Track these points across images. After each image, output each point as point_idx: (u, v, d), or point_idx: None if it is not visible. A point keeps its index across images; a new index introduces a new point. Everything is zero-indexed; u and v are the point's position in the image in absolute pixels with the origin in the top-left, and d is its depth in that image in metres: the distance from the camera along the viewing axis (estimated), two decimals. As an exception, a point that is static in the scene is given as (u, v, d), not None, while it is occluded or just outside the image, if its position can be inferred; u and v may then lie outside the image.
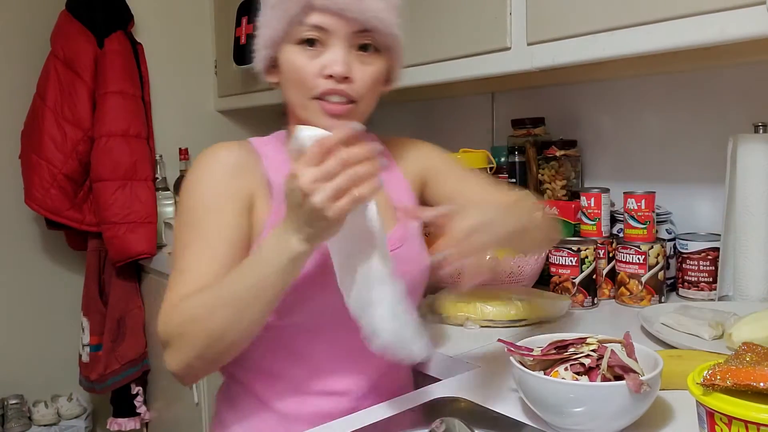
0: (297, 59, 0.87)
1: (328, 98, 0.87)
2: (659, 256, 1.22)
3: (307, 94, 0.88)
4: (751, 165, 1.15)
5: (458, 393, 0.84)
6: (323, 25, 0.86)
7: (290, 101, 0.92)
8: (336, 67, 0.85)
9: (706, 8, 0.99)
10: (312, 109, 0.88)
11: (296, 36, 0.87)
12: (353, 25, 0.86)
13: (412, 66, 1.53)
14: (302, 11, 0.85)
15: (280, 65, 0.90)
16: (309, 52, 0.87)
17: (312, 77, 0.87)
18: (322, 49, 0.87)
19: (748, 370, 0.56)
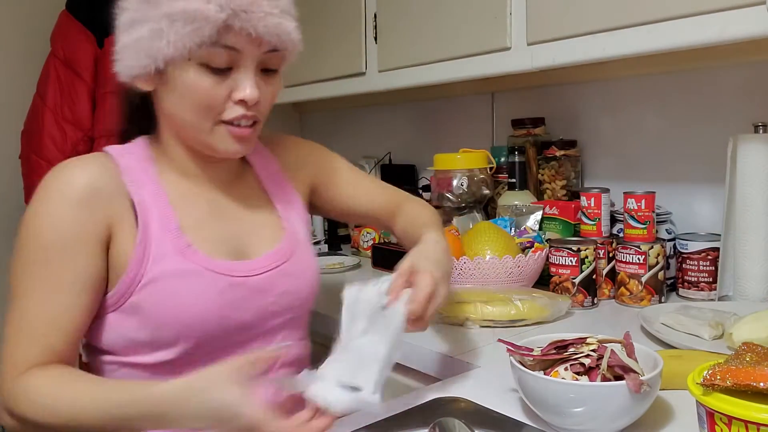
0: (201, 82, 0.79)
1: (236, 122, 0.82)
2: (659, 256, 1.22)
3: (213, 119, 0.81)
4: (751, 165, 1.15)
5: (458, 393, 0.84)
6: (237, 47, 0.78)
7: (183, 121, 0.83)
8: (248, 92, 0.80)
9: (706, 8, 0.99)
10: (218, 134, 0.82)
11: (203, 57, 0.78)
12: (264, 47, 0.80)
13: (412, 66, 1.54)
14: (217, 33, 0.76)
15: (172, 81, 0.80)
16: (217, 74, 0.79)
17: (220, 102, 0.80)
18: (229, 71, 0.80)
19: (748, 370, 0.56)
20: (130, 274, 0.80)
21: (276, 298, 0.88)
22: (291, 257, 0.91)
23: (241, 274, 0.85)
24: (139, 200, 0.82)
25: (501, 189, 1.62)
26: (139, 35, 0.79)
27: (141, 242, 0.80)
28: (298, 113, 2.60)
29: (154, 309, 0.80)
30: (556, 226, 1.41)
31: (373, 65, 1.65)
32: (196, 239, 0.84)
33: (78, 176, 0.80)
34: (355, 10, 1.68)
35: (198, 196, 0.88)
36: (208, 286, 0.82)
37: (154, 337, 0.81)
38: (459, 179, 1.55)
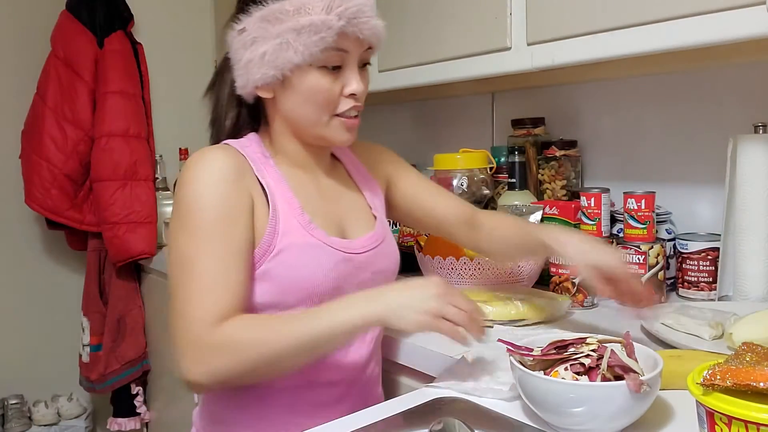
0: (322, 82, 0.91)
1: (347, 113, 0.94)
2: (659, 256, 1.22)
3: (330, 113, 0.93)
4: (751, 165, 1.15)
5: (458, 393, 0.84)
6: (347, 48, 0.91)
7: (301, 118, 0.95)
8: (356, 86, 0.93)
9: (706, 8, 0.99)
10: (334, 126, 0.94)
11: (322, 60, 0.90)
12: (365, 46, 0.93)
13: (412, 66, 1.54)
14: (337, 38, 0.89)
15: (295, 86, 0.92)
16: (331, 74, 0.92)
17: (336, 98, 0.93)
18: (340, 70, 0.92)
19: (748, 370, 0.56)
20: (264, 245, 0.90)
21: (372, 275, 0.99)
22: (383, 241, 1.03)
23: (350, 251, 0.97)
24: (267, 183, 0.94)
25: (501, 189, 1.62)
26: (264, 50, 0.90)
27: (272, 218, 0.91)
28: (298, 113, 2.60)
29: (282, 276, 0.90)
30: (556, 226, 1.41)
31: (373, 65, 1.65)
32: (315, 218, 0.95)
33: (225, 159, 0.91)
34: (355, 10, 1.68)
35: (309, 182, 1.00)
36: (327, 259, 0.93)
37: (278, 300, 0.90)
38: (459, 179, 1.55)
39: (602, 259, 0.96)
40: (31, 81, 2.08)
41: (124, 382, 2.12)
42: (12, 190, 2.13)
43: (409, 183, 1.15)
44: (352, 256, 0.97)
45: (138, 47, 2.14)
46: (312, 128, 0.95)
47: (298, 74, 0.91)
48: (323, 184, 1.02)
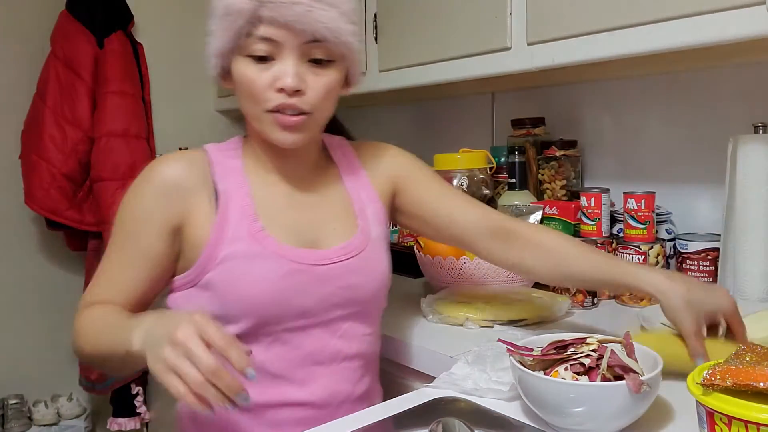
0: (247, 72, 0.87)
1: (282, 110, 0.87)
2: (659, 256, 1.22)
3: (260, 107, 0.87)
4: (751, 165, 1.15)
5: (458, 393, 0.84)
6: (272, 37, 0.84)
7: (245, 111, 0.92)
8: (287, 80, 0.85)
9: (706, 8, 0.99)
10: (266, 122, 0.88)
11: (245, 48, 0.86)
12: (303, 37, 0.85)
13: (412, 66, 1.54)
14: (249, 24, 0.84)
15: (232, 75, 0.90)
16: (259, 64, 0.86)
17: (263, 90, 0.86)
18: (273, 61, 0.86)
19: (748, 370, 0.56)
20: (207, 253, 0.88)
21: (337, 290, 0.92)
22: (359, 254, 0.94)
23: (306, 262, 0.90)
24: (224, 189, 0.91)
25: (501, 189, 1.62)
26: (209, 41, 0.90)
27: (218, 225, 0.89)
28: (298, 113, 2.60)
29: (224, 286, 0.87)
30: (556, 226, 1.41)
31: (373, 65, 1.65)
32: (270, 225, 0.91)
33: (168, 171, 0.91)
34: (355, 10, 1.68)
35: (277, 187, 0.95)
36: (272, 269, 0.88)
37: (222, 311, 0.87)
38: (459, 179, 1.55)
39: (717, 308, 0.86)
40: (30, 81, 2.07)
41: (124, 382, 2.11)
42: (12, 190, 2.12)
43: (419, 187, 1.04)
44: (308, 268, 0.90)
45: (138, 47, 2.14)
46: (253, 123, 0.91)
47: (233, 64, 0.88)
48: (294, 190, 0.96)
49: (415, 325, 1.16)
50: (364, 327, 0.96)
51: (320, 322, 0.91)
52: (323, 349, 0.92)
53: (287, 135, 0.88)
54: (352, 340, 0.94)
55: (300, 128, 0.88)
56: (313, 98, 0.87)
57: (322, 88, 0.88)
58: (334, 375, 0.92)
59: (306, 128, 0.89)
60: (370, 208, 1.00)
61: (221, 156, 0.95)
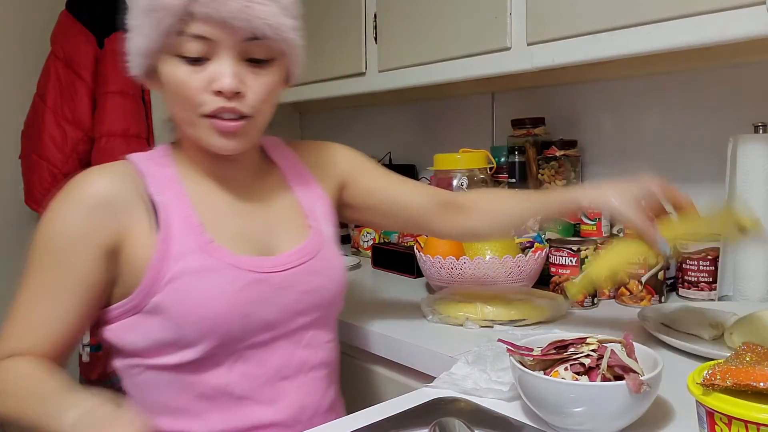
0: (179, 73, 0.78)
1: (219, 115, 0.80)
2: (659, 256, 1.22)
3: (195, 111, 0.80)
4: (751, 165, 1.15)
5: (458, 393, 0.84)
6: (207, 35, 0.77)
7: (175, 116, 0.85)
8: (224, 81, 0.77)
9: (706, 8, 0.99)
10: (202, 127, 0.81)
11: (176, 48, 0.78)
12: (241, 34, 0.77)
13: (412, 66, 1.54)
14: (180, 21, 0.76)
15: (161, 77, 0.81)
16: (192, 65, 0.78)
17: (198, 93, 0.78)
18: (208, 60, 0.78)
19: (748, 370, 0.56)
20: (151, 274, 0.80)
21: (300, 296, 0.87)
22: (316, 255, 0.90)
23: (264, 270, 0.85)
24: (161, 201, 0.83)
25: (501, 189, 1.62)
26: (131, 38, 0.82)
27: (162, 241, 0.81)
28: (298, 113, 2.60)
29: (177, 307, 0.80)
30: (556, 226, 1.41)
31: (373, 65, 1.65)
32: (219, 236, 0.84)
33: (95, 185, 0.82)
34: (355, 10, 1.68)
35: (219, 195, 0.89)
36: (230, 282, 0.81)
37: (178, 336, 0.80)
38: (459, 179, 1.55)
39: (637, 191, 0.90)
40: (30, 81, 2.07)
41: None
42: (12, 190, 2.12)
43: (368, 177, 1.02)
44: (267, 276, 0.84)
45: (138, 47, 2.14)
46: (186, 129, 0.83)
47: (160, 63, 0.80)
48: (238, 197, 0.90)
49: (415, 325, 1.16)
50: (326, 333, 0.93)
51: (284, 333, 0.87)
52: (289, 362, 0.87)
53: (226, 141, 0.81)
54: (317, 348, 0.90)
55: (240, 133, 0.81)
56: (253, 100, 0.80)
57: (263, 89, 0.81)
58: (302, 388, 0.88)
59: (246, 133, 0.83)
60: (319, 207, 0.96)
61: (151, 165, 0.86)
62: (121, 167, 0.85)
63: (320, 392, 0.90)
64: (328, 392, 0.93)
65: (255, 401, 0.84)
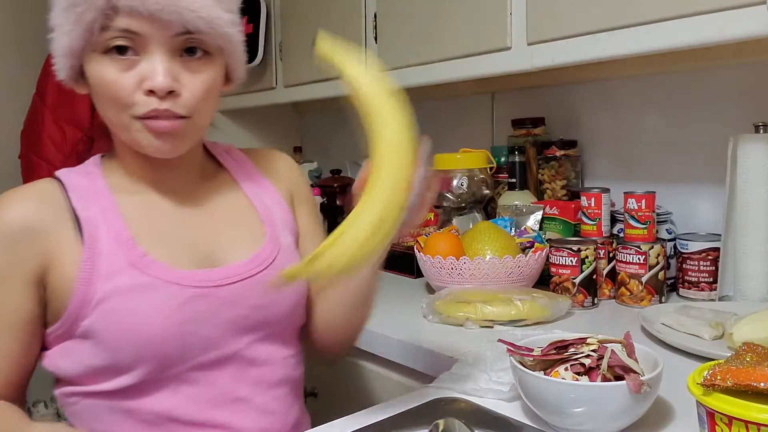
0: (106, 72, 0.72)
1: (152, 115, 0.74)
2: (659, 256, 1.22)
3: (127, 113, 0.74)
4: (752, 165, 1.15)
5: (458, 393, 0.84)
6: (134, 30, 0.71)
7: (107, 119, 0.77)
8: (157, 79, 0.71)
9: (705, 8, 0.99)
10: (135, 130, 0.74)
11: (101, 44, 0.72)
12: (171, 29, 0.72)
13: (412, 66, 1.53)
14: (103, 16, 0.70)
15: (88, 78, 0.75)
16: (121, 63, 0.72)
17: (129, 93, 0.72)
18: (137, 57, 0.72)
19: (748, 370, 0.56)
20: (79, 297, 0.74)
21: (249, 311, 0.80)
22: (269, 265, 0.83)
23: (207, 284, 0.78)
24: (87, 216, 0.77)
25: (501, 189, 1.62)
26: (54, 38, 0.75)
27: (88, 260, 0.75)
28: (298, 113, 2.60)
29: (108, 330, 0.74)
30: (556, 226, 1.41)
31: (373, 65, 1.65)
32: (154, 249, 0.77)
33: (10, 214, 0.76)
34: (355, 10, 1.68)
35: (156, 204, 0.82)
36: (166, 300, 0.75)
37: (112, 361, 0.75)
38: (459, 179, 1.55)
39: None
40: (30, 81, 2.07)
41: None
42: (12, 190, 2.12)
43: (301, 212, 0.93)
44: (210, 291, 0.78)
45: (138, 47, 2.14)
46: (120, 133, 0.77)
47: (87, 63, 0.74)
48: (179, 205, 0.83)
49: (415, 325, 1.16)
50: (284, 348, 0.85)
51: (234, 352, 0.80)
52: (242, 382, 0.80)
53: (162, 143, 0.75)
54: (275, 365, 0.83)
55: (177, 134, 0.75)
56: (190, 100, 0.74)
57: (200, 87, 0.75)
58: (260, 408, 0.81)
59: (185, 134, 0.76)
60: (278, 213, 0.89)
61: (77, 179, 0.80)
62: (41, 185, 0.80)
63: (282, 412, 0.84)
64: (292, 411, 0.86)
65: (206, 426, 0.78)
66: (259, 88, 2.07)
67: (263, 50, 2.00)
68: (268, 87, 2.04)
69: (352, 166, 2.27)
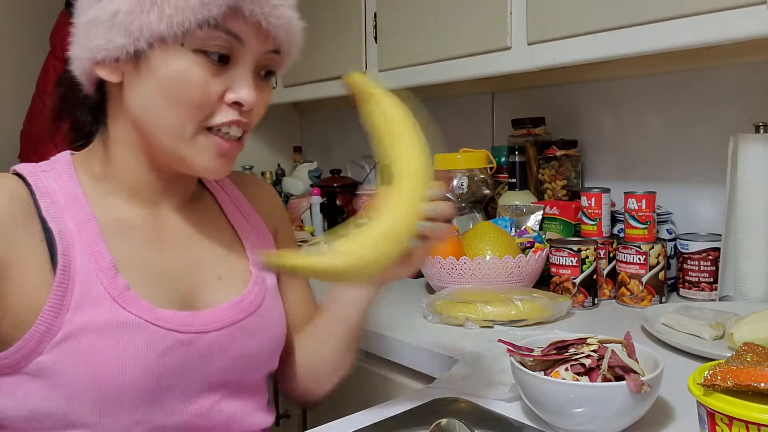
0: (195, 74, 0.64)
1: (224, 130, 0.67)
2: (660, 256, 1.22)
3: (198, 122, 0.66)
4: (752, 165, 1.15)
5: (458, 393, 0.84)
6: (241, 36, 0.66)
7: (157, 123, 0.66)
8: (247, 92, 0.67)
9: (705, 8, 0.99)
10: (201, 145, 0.67)
11: (201, 41, 0.64)
12: (270, 44, 0.69)
13: (412, 66, 1.53)
14: (224, 12, 0.64)
15: (153, 70, 0.65)
16: (212, 67, 0.65)
17: (213, 102, 0.66)
18: (226, 66, 0.67)
19: (748, 370, 0.56)
20: (40, 328, 0.62)
21: (231, 363, 0.71)
22: (255, 311, 0.74)
23: (191, 330, 0.68)
24: (60, 229, 0.64)
25: (501, 189, 1.62)
26: (117, 7, 0.63)
27: (60, 285, 0.62)
28: (298, 113, 2.60)
29: (70, 374, 0.62)
30: (556, 226, 1.41)
31: (373, 65, 1.65)
32: (137, 282, 0.66)
33: None
34: (355, 10, 1.68)
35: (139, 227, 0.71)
36: (148, 344, 0.64)
37: (67, 410, 0.63)
38: (459, 179, 1.55)
39: None
40: (30, 81, 2.08)
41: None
42: (12, 190, 2.13)
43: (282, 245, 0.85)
44: (194, 338, 0.67)
45: (138, 47, 2.14)
46: (170, 141, 0.67)
47: (161, 53, 0.64)
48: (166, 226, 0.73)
49: (415, 325, 1.16)
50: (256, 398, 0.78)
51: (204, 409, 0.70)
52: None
53: (221, 163, 0.69)
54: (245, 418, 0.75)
55: (234, 155, 0.70)
56: (255, 118, 0.71)
57: (263, 108, 0.72)
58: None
59: (236, 156, 0.71)
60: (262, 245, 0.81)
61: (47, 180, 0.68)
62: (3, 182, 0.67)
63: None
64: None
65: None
66: (259, 88, 2.07)
67: (263, 50, 1.99)
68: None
69: (352, 166, 2.27)
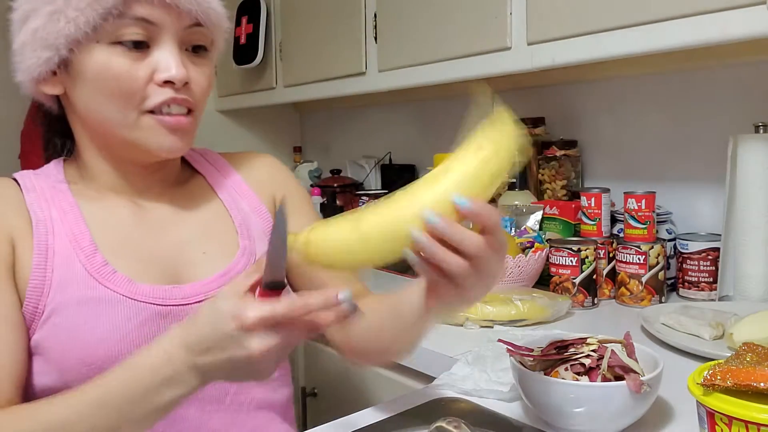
0: (115, 64, 0.68)
1: (165, 110, 0.70)
2: (659, 256, 1.22)
3: (136, 108, 0.69)
4: (752, 165, 1.15)
5: (458, 393, 0.84)
6: (151, 19, 0.68)
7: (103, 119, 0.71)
8: (174, 70, 0.69)
9: (706, 8, 0.99)
10: (146, 127, 0.70)
11: (112, 33, 0.67)
12: (186, 19, 0.70)
13: (412, 66, 1.53)
14: (124, 2, 0.66)
15: (82, 72, 0.69)
16: (131, 54, 0.68)
17: (141, 86, 0.69)
18: (147, 50, 0.69)
19: (748, 370, 0.56)
20: (29, 306, 0.68)
21: None
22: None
23: (171, 302, 0.71)
24: (43, 218, 0.71)
25: (501, 189, 1.62)
26: (36, 25, 0.68)
27: (39, 266, 0.68)
28: (298, 113, 2.60)
29: (58, 348, 0.67)
30: (556, 226, 1.41)
31: (373, 65, 1.65)
32: (116, 260, 0.71)
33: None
34: (355, 10, 1.68)
35: (123, 211, 0.76)
36: (124, 317, 0.68)
37: (62, 382, 0.67)
38: (459, 179, 1.55)
39: None
40: (30, 81, 2.08)
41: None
42: (12, 190, 2.12)
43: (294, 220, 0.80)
44: (177, 309, 0.71)
45: (138, 47, 2.14)
46: (120, 132, 0.71)
47: (82, 54, 0.68)
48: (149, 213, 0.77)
49: (415, 325, 1.15)
50: None
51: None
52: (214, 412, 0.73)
53: (175, 139, 0.71)
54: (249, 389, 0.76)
55: (188, 130, 0.73)
56: (198, 93, 0.73)
57: (205, 81, 0.74)
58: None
59: (192, 131, 0.74)
60: (254, 221, 0.82)
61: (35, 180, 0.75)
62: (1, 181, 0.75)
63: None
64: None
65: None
66: (259, 88, 2.07)
67: (263, 50, 1.99)
68: (268, 87, 2.04)
69: (352, 166, 2.27)
